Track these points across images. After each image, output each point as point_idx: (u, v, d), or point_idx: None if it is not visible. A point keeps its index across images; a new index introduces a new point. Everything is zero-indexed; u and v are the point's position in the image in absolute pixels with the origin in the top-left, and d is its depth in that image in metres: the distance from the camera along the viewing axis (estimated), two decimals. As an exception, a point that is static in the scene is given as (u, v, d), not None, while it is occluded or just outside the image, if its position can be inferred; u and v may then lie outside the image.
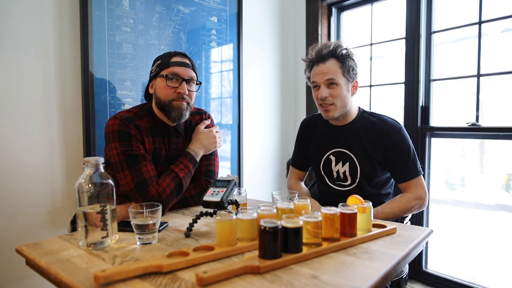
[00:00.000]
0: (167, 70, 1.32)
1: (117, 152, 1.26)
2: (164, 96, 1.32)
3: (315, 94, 1.49)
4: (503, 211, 2.13)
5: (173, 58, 1.34)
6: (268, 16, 2.60)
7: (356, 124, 1.52)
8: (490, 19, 1.95)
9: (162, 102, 1.32)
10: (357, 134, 1.50)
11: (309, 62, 1.51)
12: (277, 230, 0.80)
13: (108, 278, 0.73)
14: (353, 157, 1.49)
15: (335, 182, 1.54)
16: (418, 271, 2.23)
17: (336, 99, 1.43)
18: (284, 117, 2.73)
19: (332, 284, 0.72)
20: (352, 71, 1.45)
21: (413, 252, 0.94)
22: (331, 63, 1.43)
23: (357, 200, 1.04)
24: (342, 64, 1.43)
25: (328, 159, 1.55)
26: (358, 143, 1.49)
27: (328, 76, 1.42)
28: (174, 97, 1.31)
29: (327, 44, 1.47)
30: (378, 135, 1.46)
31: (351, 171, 1.49)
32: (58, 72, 1.68)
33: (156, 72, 1.34)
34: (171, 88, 1.31)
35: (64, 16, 1.69)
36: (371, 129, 1.48)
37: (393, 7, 2.36)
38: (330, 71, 1.42)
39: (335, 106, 1.44)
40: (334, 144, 1.54)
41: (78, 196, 0.94)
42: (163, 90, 1.32)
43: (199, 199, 1.12)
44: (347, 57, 1.44)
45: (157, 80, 1.34)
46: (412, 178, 1.43)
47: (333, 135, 1.55)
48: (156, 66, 1.35)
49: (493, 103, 2.05)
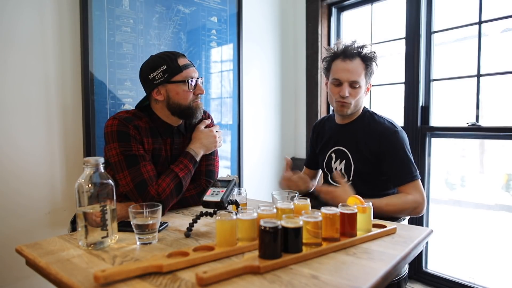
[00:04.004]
0: (181, 75, 1.31)
1: (116, 153, 1.26)
2: (185, 101, 1.32)
3: (335, 90, 1.48)
4: (503, 211, 2.13)
5: (179, 61, 1.32)
6: (268, 16, 2.60)
7: (356, 124, 1.55)
8: (490, 19, 1.95)
9: (182, 107, 1.33)
10: (354, 134, 1.53)
11: (333, 55, 1.51)
12: (277, 230, 0.80)
13: (108, 278, 0.73)
14: (349, 155, 1.52)
15: (334, 179, 1.57)
16: (418, 271, 2.23)
17: (354, 99, 1.47)
18: (284, 117, 2.73)
19: (332, 284, 0.72)
20: (372, 73, 1.48)
21: (413, 252, 0.94)
22: (357, 63, 1.45)
23: (357, 200, 1.04)
24: (366, 66, 1.45)
25: (330, 157, 1.60)
26: (354, 142, 1.51)
27: (354, 78, 1.44)
28: (194, 98, 1.35)
29: (354, 41, 1.48)
30: (372, 137, 1.47)
31: (346, 169, 1.53)
32: (58, 72, 1.68)
33: (166, 78, 1.30)
34: (190, 92, 1.33)
35: (64, 16, 1.69)
36: (368, 131, 1.50)
37: (393, 7, 2.36)
38: (356, 72, 1.44)
39: (351, 105, 1.48)
40: (336, 142, 1.58)
41: (78, 196, 0.94)
42: (183, 95, 1.32)
43: (199, 199, 1.12)
44: (372, 60, 1.46)
45: (170, 86, 1.31)
46: (407, 182, 1.41)
47: (336, 133, 1.60)
48: (163, 72, 1.29)
49: (493, 103, 2.05)
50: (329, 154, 1.60)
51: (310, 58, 2.64)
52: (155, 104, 1.37)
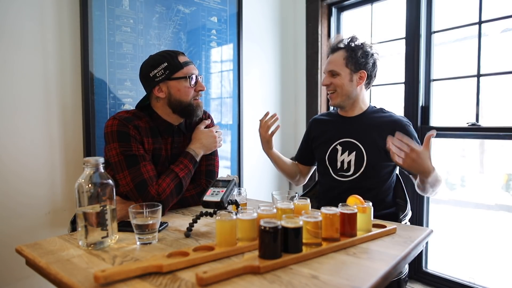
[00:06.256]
0: (183, 72, 1.32)
1: (116, 153, 1.25)
2: (186, 97, 1.34)
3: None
4: (503, 211, 2.13)
5: (179, 58, 1.34)
6: (268, 16, 2.60)
7: (366, 116, 1.59)
8: (490, 19, 1.95)
9: (184, 104, 1.34)
10: (367, 125, 1.57)
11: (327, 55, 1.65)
12: (277, 230, 0.80)
13: (108, 278, 0.73)
14: (360, 147, 1.54)
15: (337, 173, 1.58)
16: (418, 271, 2.23)
17: (337, 88, 1.55)
18: (284, 117, 2.73)
19: (332, 284, 0.72)
20: (357, 62, 1.53)
21: (413, 252, 0.94)
22: (339, 54, 1.56)
23: (357, 200, 1.04)
24: (348, 55, 1.53)
25: (334, 149, 1.61)
26: (367, 133, 1.54)
27: (331, 67, 1.56)
28: (195, 95, 1.37)
29: (339, 37, 1.62)
30: (389, 126, 1.51)
31: (356, 160, 1.54)
32: (58, 72, 1.68)
33: (167, 75, 1.31)
34: (192, 88, 1.34)
35: (64, 16, 1.69)
36: (382, 121, 1.55)
37: (393, 7, 2.36)
38: (333, 62, 1.56)
39: (337, 94, 1.56)
40: (343, 134, 1.60)
41: (78, 196, 0.94)
42: (184, 92, 1.33)
43: (199, 199, 1.12)
44: (356, 48, 1.54)
45: (171, 83, 1.32)
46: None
47: (343, 126, 1.62)
48: (164, 69, 1.31)
49: (493, 103, 2.05)
50: (333, 146, 1.60)
51: (310, 58, 2.64)
52: (156, 103, 1.37)
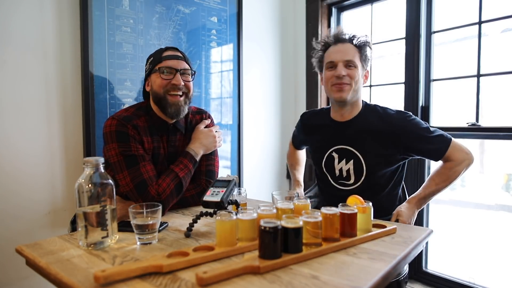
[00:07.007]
0: (160, 65, 1.33)
1: (115, 153, 1.25)
2: (158, 89, 1.32)
3: (330, 74, 1.44)
4: (503, 211, 2.13)
5: (164, 52, 1.36)
6: (268, 16, 2.60)
7: (360, 120, 1.48)
8: (490, 19, 1.95)
9: (159, 96, 1.33)
10: (361, 130, 1.46)
11: (324, 44, 1.51)
12: (277, 230, 0.80)
13: (108, 278, 0.73)
14: (358, 155, 1.45)
15: (338, 181, 1.51)
16: (418, 271, 2.23)
17: (353, 80, 1.42)
18: (284, 117, 2.73)
19: (332, 284, 0.72)
20: (367, 59, 1.47)
21: (413, 252, 0.94)
22: (349, 46, 1.45)
23: (357, 200, 1.03)
24: (359, 49, 1.45)
25: (330, 156, 1.52)
26: (362, 139, 1.45)
27: (348, 57, 1.42)
28: (168, 88, 1.32)
29: (340, 28, 1.50)
30: (386, 129, 1.42)
31: (356, 169, 1.46)
32: (58, 72, 1.68)
33: (150, 69, 1.36)
34: (165, 80, 1.32)
35: (64, 16, 1.69)
36: (377, 125, 1.44)
37: (393, 7, 2.36)
38: (350, 53, 1.43)
39: (351, 87, 1.42)
40: (337, 141, 1.50)
41: (78, 196, 0.94)
42: (157, 84, 1.33)
43: (199, 199, 1.12)
44: (365, 45, 1.46)
45: (152, 77, 1.35)
46: (446, 149, 1.38)
47: (336, 131, 1.52)
48: (150, 63, 1.37)
49: (493, 103, 2.05)
50: (328, 153, 1.52)
51: (310, 58, 2.63)
52: (151, 100, 1.39)
